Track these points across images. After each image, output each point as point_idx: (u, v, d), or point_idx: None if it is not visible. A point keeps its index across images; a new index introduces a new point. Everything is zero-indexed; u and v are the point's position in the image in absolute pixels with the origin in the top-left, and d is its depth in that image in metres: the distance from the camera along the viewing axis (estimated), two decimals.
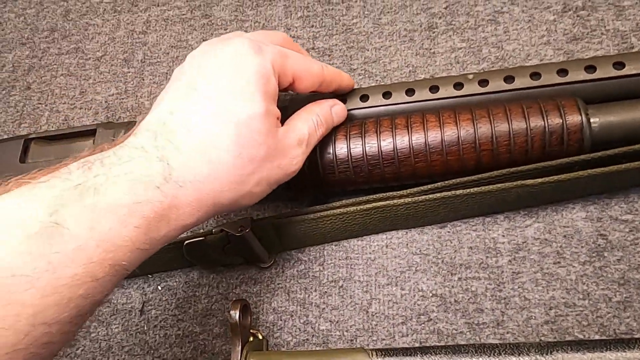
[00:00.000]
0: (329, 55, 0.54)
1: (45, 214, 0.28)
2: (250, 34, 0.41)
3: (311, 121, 0.40)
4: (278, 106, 0.38)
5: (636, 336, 0.39)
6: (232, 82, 0.35)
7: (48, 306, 0.27)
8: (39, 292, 0.27)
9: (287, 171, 0.38)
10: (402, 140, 0.42)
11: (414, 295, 0.44)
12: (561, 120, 0.39)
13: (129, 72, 0.60)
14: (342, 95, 0.46)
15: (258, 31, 0.43)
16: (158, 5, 0.62)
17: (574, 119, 0.39)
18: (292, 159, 0.38)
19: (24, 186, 0.30)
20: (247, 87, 0.35)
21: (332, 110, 0.43)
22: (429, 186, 0.42)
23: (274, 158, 0.37)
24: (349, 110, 0.46)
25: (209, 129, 0.34)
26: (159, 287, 0.50)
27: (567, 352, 0.36)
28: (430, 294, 0.43)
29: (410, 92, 0.45)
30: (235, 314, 0.42)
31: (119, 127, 0.52)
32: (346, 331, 0.44)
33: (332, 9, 0.55)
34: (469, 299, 0.42)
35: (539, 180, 0.39)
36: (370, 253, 0.46)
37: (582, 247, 0.42)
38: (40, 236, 0.28)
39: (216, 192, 0.34)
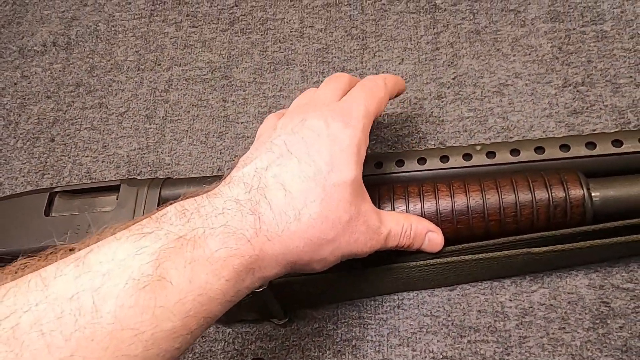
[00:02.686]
0: None
1: (152, 267, 0.30)
2: (323, 91, 0.44)
3: (402, 227, 0.41)
4: None
5: None
6: (328, 150, 0.37)
7: (148, 359, 0.29)
8: (142, 345, 0.28)
9: (359, 249, 0.39)
10: (415, 208, 0.45)
11: (425, 357, 0.45)
12: (564, 194, 0.42)
13: (151, 128, 0.63)
14: None
15: (327, 83, 0.45)
16: (180, 65, 0.66)
17: (576, 193, 0.42)
18: (367, 241, 0.39)
19: (131, 237, 0.31)
20: (342, 156, 0.37)
21: (426, 236, 0.43)
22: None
23: (353, 231, 0.37)
24: (363, 176, 0.49)
25: (301, 189, 0.36)
26: None
27: None
28: (441, 356, 0.45)
29: (421, 160, 0.48)
30: None
31: (142, 183, 0.55)
32: None
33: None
34: None
35: (544, 248, 0.42)
36: (382, 313, 0.48)
37: (585, 313, 0.44)
38: (148, 290, 0.29)
39: (298, 250, 0.36)
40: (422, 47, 0.57)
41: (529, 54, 0.54)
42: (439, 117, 0.54)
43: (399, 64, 0.57)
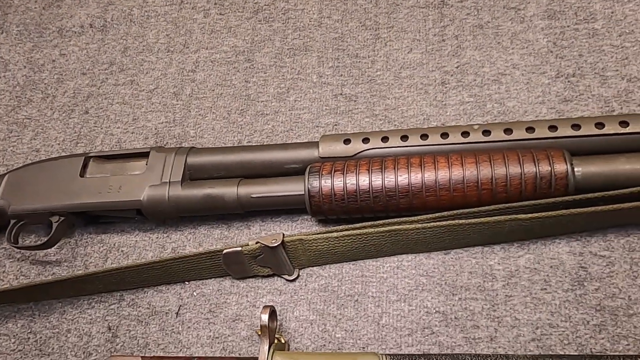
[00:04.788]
0: (355, 102, 0.62)
1: None
2: None
3: None
4: None
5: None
6: None
7: None
8: None
9: None
10: (416, 177, 0.50)
11: (420, 311, 0.50)
12: (550, 168, 0.47)
13: (177, 104, 0.69)
14: (365, 135, 0.54)
15: None
16: (207, 49, 0.72)
17: (561, 167, 0.47)
18: None
19: None
20: None
21: None
22: (436, 214, 0.49)
23: None
24: (370, 149, 0.54)
25: None
26: (194, 293, 0.57)
27: None
28: (434, 311, 0.50)
29: (424, 136, 0.53)
30: (266, 317, 0.48)
31: (169, 151, 0.60)
32: (359, 339, 0.51)
33: (359, 61, 0.64)
34: (467, 317, 0.49)
35: (529, 215, 0.47)
36: (383, 273, 0.53)
37: (565, 276, 0.49)
38: None
39: None
40: (429, 38, 0.63)
41: (527, 47, 0.59)
42: (442, 102, 0.59)
43: (408, 53, 0.63)
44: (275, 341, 0.50)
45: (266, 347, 0.48)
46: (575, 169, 0.48)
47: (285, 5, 0.71)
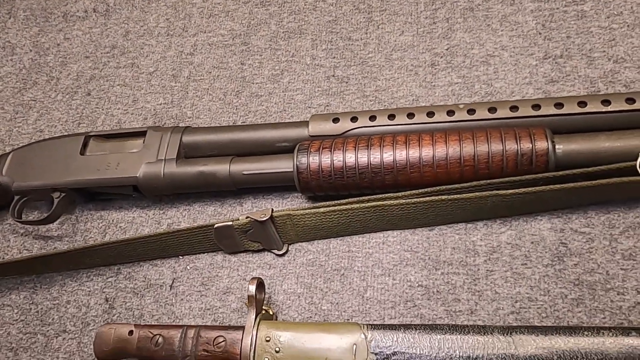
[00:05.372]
0: (347, 83, 0.64)
1: None
2: None
3: None
4: None
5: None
6: None
7: None
8: None
9: None
10: (401, 154, 0.51)
11: (403, 285, 0.52)
12: (531, 145, 0.48)
13: (176, 86, 0.71)
14: (353, 114, 0.55)
15: None
16: (205, 32, 0.73)
17: (542, 144, 0.48)
18: None
19: None
20: None
21: None
22: (420, 190, 0.51)
23: None
24: (358, 127, 0.55)
25: None
26: (188, 267, 0.59)
27: (523, 334, 0.44)
28: (417, 285, 0.51)
29: (410, 115, 0.54)
30: (253, 288, 0.50)
31: (165, 130, 0.62)
32: (344, 312, 0.52)
33: (352, 44, 0.66)
34: (448, 290, 0.50)
35: (510, 191, 0.48)
36: (369, 248, 0.55)
37: (546, 252, 0.49)
38: None
39: None
40: (421, 21, 0.64)
41: (516, 30, 0.60)
42: (431, 83, 0.60)
43: (400, 35, 0.64)
44: (263, 311, 0.52)
45: (253, 317, 0.50)
46: (557, 147, 0.48)
47: None
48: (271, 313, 0.54)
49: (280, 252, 0.57)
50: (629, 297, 0.46)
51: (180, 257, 0.60)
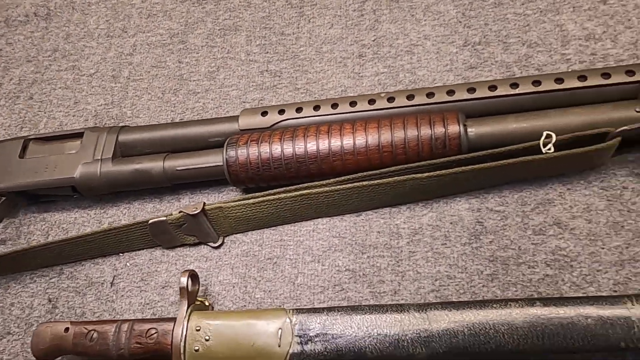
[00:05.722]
0: (279, 77, 0.65)
1: None
2: None
3: None
4: None
5: None
6: None
7: None
8: None
9: None
10: (324, 143, 0.53)
11: (332, 270, 0.54)
12: (444, 130, 0.50)
13: (116, 87, 0.72)
14: (281, 107, 0.57)
15: None
16: (144, 32, 0.74)
17: (454, 128, 0.50)
18: None
19: None
20: None
21: None
22: (343, 178, 0.52)
23: None
24: (286, 119, 0.57)
25: None
26: (128, 264, 0.60)
27: (437, 310, 0.46)
28: (344, 269, 0.53)
29: (334, 106, 0.56)
30: (184, 280, 0.51)
31: (102, 130, 0.63)
32: (276, 299, 0.54)
33: (285, 38, 0.67)
34: (374, 273, 0.52)
35: (425, 174, 0.50)
36: (300, 236, 0.56)
37: (464, 231, 0.52)
38: None
39: None
40: (349, 14, 0.65)
41: (438, 19, 0.61)
42: (359, 73, 0.62)
43: (329, 28, 0.66)
44: (198, 303, 0.53)
45: (185, 308, 0.51)
46: (469, 130, 0.50)
47: None
48: (207, 304, 0.55)
49: (216, 245, 0.58)
50: (539, 269, 0.48)
51: (121, 254, 0.61)
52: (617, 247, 0.48)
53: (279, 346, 0.47)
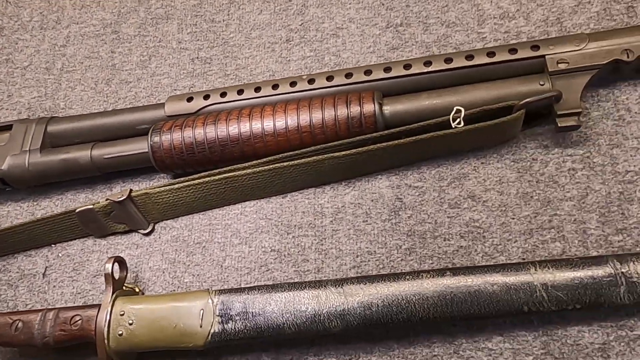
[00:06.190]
0: (209, 64, 0.65)
1: None
2: None
3: None
4: None
5: None
6: None
7: None
8: None
9: None
10: (245, 126, 0.53)
11: (258, 252, 0.54)
12: (359, 109, 0.51)
13: (49, 79, 0.71)
14: (206, 92, 0.57)
15: None
16: (77, 23, 0.74)
17: (369, 107, 0.51)
18: None
19: None
20: None
21: None
22: (264, 159, 0.53)
23: None
24: (211, 104, 0.57)
25: None
26: (60, 255, 0.60)
27: (353, 284, 0.47)
28: (270, 250, 0.54)
29: (257, 89, 0.56)
30: (108, 266, 0.51)
31: (31, 122, 0.63)
32: (204, 282, 0.54)
33: (215, 25, 0.67)
34: (298, 252, 0.53)
35: (343, 152, 0.51)
36: (228, 220, 0.57)
37: (384, 208, 0.53)
38: None
39: None
40: (278, 0, 0.66)
41: (362, 2, 0.62)
42: (286, 58, 0.62)
43: (258, 14, 0.66)
44: (126, 289, 0.54)
45: (110, 294, 0.51)
46: (384, 108, 0.51)
47: None
48: (137, 290, 0.55)
49: (146, 231, 0.58)
50: (454, 242, 0.50)
51: (53, 245, 0.61)
52: (526, 216, 0.49)
53: (201, 326, 0.48)
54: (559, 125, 0.48)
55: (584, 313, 0.45)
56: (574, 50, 0.49)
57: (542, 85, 0.49)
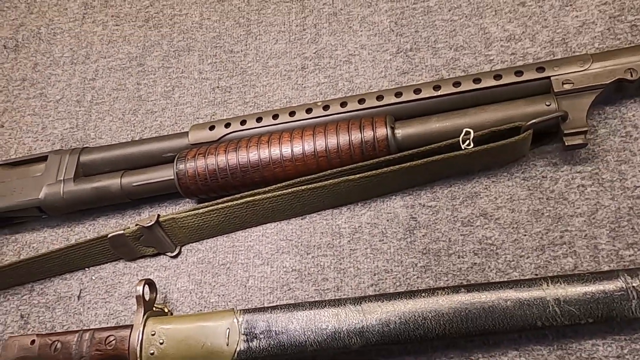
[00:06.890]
0: (229, 92, 0.69)
1: None
2: None
3: None
4: None
5: None
6: None
7: None
8: None
9: None
10: (264, 153, 0.56)
11: (280, 271, 0.57)
12: (372, 133, 0.53)
13: (80, 111, 0.75)
14: (227, 121, 0.61)
15: None
16: (105, 58, 0.78)
17: (382, 131, 0.53)
18: None
19: None
20: None
21: None
22: (284, 184, 0.56)
23: None
24: (232, 132, 0.60)
25: None
26: (93, 277, 0.63)
27: (371, 302, 0.49)
28: (291, 269, 0.56)
29: (275, 116, 0.59)
30: (140, 288, 0.55)
31: (65, 152, 0.67)
32: (229, 302, 0.57)
33: (234, 56, 0.71)
34: (318, 272, 0.55)
35: (358, 175, 0.53)
36: (250, 241, 0.59)
37: (399, 227, 0.55)
38: None
39: None
40: (292, 29, 0.69)
41: (373, 29, 0.65)
42: (302, 85, 0.65)
43: (274, 44, 0.69)
44: (157, 309, 0.57)
45: (141, 315, 0.54)
46: (396, 132, 0.54)
47: (171, 12, 0.77)
48: (166, 311, 0.58)
49: (173, 254, 0.62)
50: (467, 259, 0.51)
51: (87, 268, 0.64)
52: (538, 233, 0.51)
53: (227, 345, 0.51)
54: (567, 144, 0.50)
55: (597, 327, 0.46)
56: (579, 71, 0.51)
57: (548, 105, 0.51)
